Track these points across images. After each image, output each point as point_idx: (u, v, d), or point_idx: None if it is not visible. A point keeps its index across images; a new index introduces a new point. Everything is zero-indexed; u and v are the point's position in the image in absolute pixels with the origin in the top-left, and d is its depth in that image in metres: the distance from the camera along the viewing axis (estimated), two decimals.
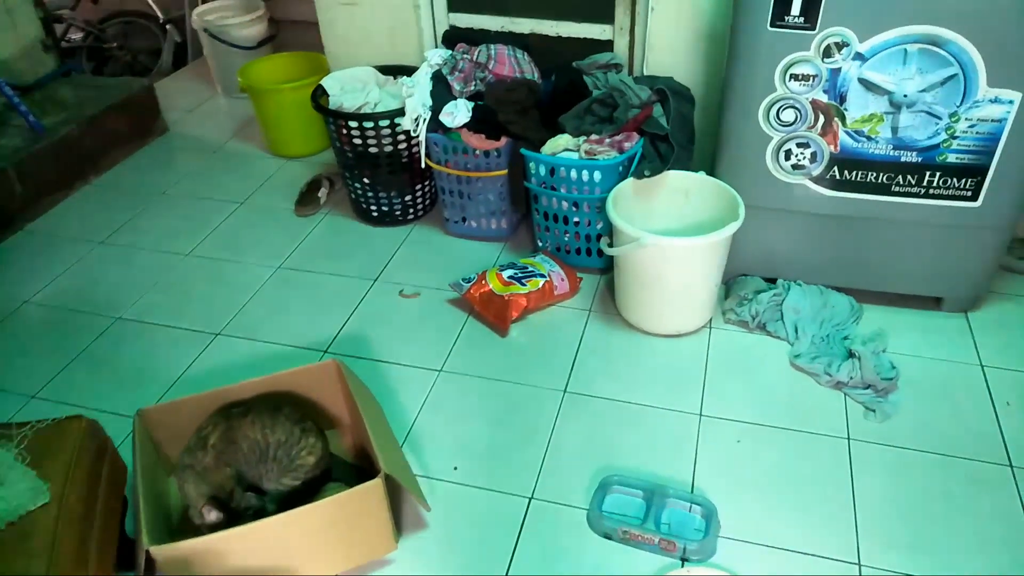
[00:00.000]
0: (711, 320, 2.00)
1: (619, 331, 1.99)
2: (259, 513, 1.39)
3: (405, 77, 2.24)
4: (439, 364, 1.91)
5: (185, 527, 1.49)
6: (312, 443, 1.50)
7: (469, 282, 2.06)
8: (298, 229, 2.48)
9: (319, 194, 2.59)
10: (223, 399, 1.60)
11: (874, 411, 1.70)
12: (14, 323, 2.13)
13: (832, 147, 1.79)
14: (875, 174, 1.80)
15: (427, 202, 2.49)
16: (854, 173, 1.81)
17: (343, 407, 1.71)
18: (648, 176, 1.99)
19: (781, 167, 1.86)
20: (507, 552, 1.47)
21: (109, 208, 2.62)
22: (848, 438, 1.66)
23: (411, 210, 2.46)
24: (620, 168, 2.03)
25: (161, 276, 2.29)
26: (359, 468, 1.64)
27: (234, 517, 1.39)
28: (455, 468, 1.64)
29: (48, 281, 2.28)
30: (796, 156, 1.83)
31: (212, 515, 1.36)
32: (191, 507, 1.41)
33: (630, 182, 2.00)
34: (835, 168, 1.82)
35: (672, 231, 1.86)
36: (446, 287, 2.16)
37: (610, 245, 1.96)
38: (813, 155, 1.81)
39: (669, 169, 2.01)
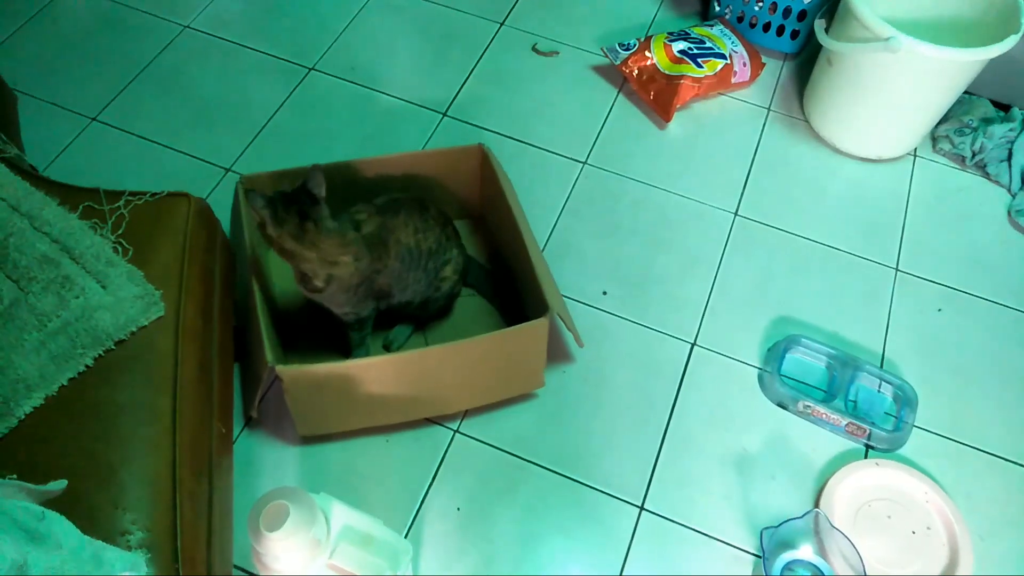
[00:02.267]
0: (916, 148, 1.63)
1: (803, 143, 1.63)
2: None
3: None
4: (583, 154, 1.57)
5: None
6: (455, 256, 1.23)
7: (628, 50, 1.64)
8: None
9: None
10: (344, 173, 1.28)
11: None
12: (59, 14, 1.72)
13: None
14: None
15: None
16: None
17: (477, 196, 1.41)
18: None
19: None
20: (665, 403, 1.27)
21: None
22: None
23: None
24: None
25: None
26: (488, 271, 1.39)
27: None
28: (604, 293, 1.39)
29: None
30: None
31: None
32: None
33: None
34: None
35: (900, 22, 1.40)
36: (590, 47, 1.73)
37: (827, 30, 1.52)
38: None
39: None
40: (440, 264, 1.20)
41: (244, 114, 1.58)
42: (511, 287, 1.34)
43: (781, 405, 1.28)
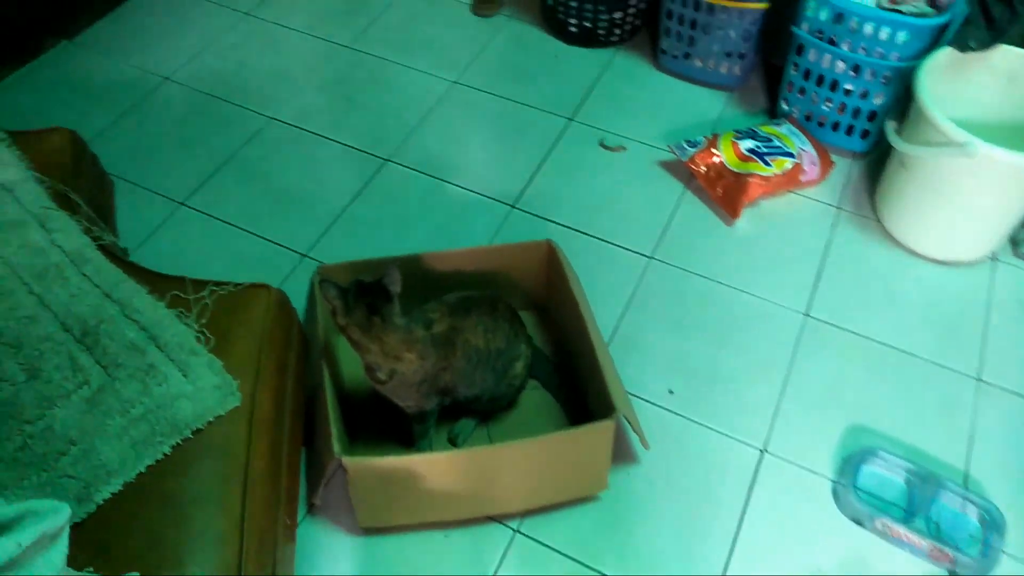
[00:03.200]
0: (995, 252, 1.59)
1: (876, 243, 1.60)
2: None
3: None
4: (649, 248, 1.58)
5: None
6: (524, 350, 1.24)
7: (695, 147, 1.66)
8: (476, 33, 2.05)
9: None
10: (419, 266, 1.32)
11: None
12: (157, 104, 1.85)
13: None
14: None
15: (636, 23, 2.01)
16: None
17: (543, 288, 1.42)
18: (973, 49, 1.48)
19: None
20: (734, 512, 1.23)
21: None
22: None
23: (616, 31, 1.98)
24: (933, 31, 1.51)
25: (318, 69, 1.94)
26: (554, 363, 1.38)
27: None
28: (670, 392, 1.37)
29: (189, 57, 1.96)
30: None
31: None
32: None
33: (945, 54, 1.50)
34: None
35: (976, 125, 1.38)
36: (657, 143, 1.76)
37: (898, 131, 1.51)
38: None
39: (1001, 42, 1.50)
40: (509, 361, 1.21)
41: (321, 203, 1.64)
42: (575, 379, 1.33)
43: (857, 521, 1.22)
